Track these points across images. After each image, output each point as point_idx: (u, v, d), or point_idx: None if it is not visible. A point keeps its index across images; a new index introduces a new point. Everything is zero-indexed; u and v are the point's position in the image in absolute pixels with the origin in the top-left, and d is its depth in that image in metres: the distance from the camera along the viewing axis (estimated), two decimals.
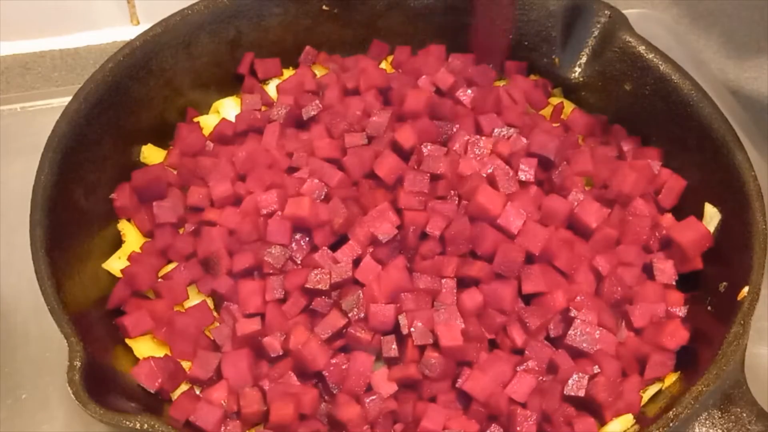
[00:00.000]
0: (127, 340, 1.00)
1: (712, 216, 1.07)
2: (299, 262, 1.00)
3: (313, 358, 0.93)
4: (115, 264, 1.06)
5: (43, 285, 0.93)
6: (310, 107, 1.14)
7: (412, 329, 0.94)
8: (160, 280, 1.04)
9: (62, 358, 0.86)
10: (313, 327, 0.96)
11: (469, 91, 1.14)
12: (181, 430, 0.89)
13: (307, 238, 1.00)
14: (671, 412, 0.88)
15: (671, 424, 0.87)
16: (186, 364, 0.99)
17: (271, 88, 1.24)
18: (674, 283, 1.04)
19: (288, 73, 1.26)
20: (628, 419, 0.95)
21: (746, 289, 0.96)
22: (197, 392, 0.97)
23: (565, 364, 0.95)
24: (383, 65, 1.27)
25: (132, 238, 1.09)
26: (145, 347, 1.00)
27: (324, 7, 1.25)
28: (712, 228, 1.06)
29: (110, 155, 1.10)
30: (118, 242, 1.09)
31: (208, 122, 1.20)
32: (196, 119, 1.21)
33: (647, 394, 0.98)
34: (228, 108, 1.22)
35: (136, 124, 1.14)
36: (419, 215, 1.01)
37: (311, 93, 1.18)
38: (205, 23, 1.18)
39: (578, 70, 1.24)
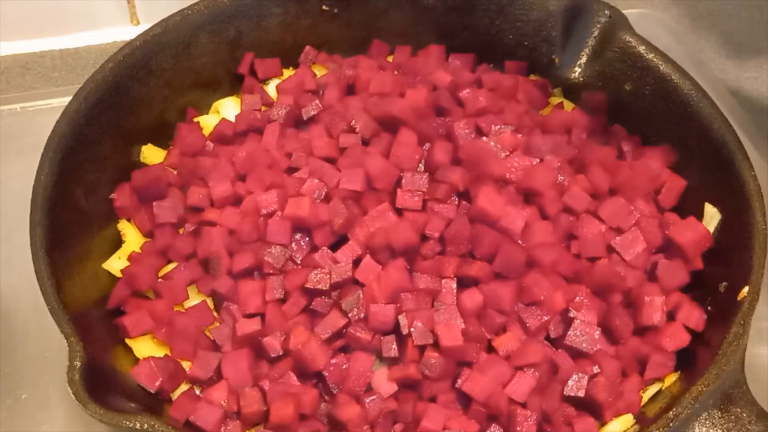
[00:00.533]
0: (127, 340, 1.00)
1: (712, 216, 1.07)
2: (299, 262, 1.00)
3: (313, 358, 0.93)
4: (115, 264, 1.06)
5: (43, 285, 0.93)
6: (309, 107, 1.14)
7: (412, 329, 0.94)
8: (160, 280, 1.04)
9: (62, 358, 0.86)
10: (313, 327, 0.96)
11: (469, 90, 1.14)
12: (181, 430, 0.89)
13: (307, 238, 1.00)
14: (671, 412, 0.88)
15: (671, 424, 0.87)
16: (186, 364, 0.99)
17: (271, 88, 1.24)
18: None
19: (288, 73, 1.26)
20: (628, 419, 0.95)
21: (746, 289, 0.96)
22: (197, 392, 0.97)
23: (565, 364, 0.95)
24: None
25: (132, 238, 1.09)
26: (145, 347, 1.00)
27: (324, 7, 1.25)
28: (712, 228, 1.06)
29: (110, 155, 1.10)
30: (118, 242, 1.09)
31: (208, 122, 1.20)
32: (196, 119, 1.21)
33: (647, 394, 0.98)
34: (228, 108, 1.22)
35: (136, 124, 1.14)
36: (419, 216, 1.01)
37: (311, 93, 1.18)
38: (205, 23, 1.18)
39: (578, 70, 1.24)
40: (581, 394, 0.94)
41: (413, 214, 1.01)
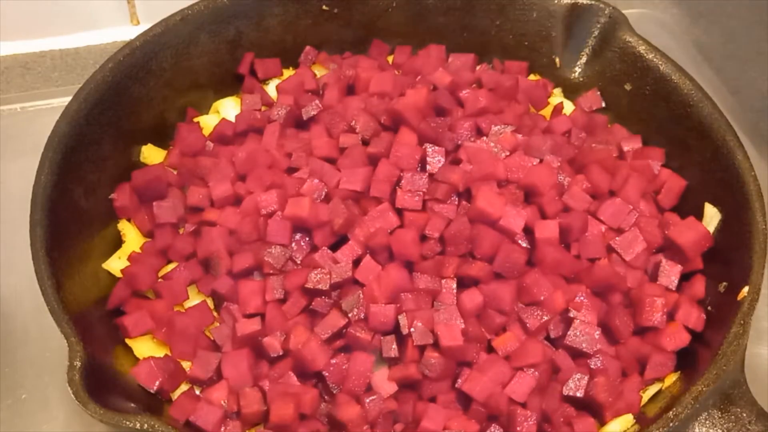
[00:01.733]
0: (127, 340, 1.00)
1: (712, 216, 1.07)
2: (299, 262, 1.00)
3: (313, 358, 0.93)
4: (115, 264, 1.06)
5: (43, 285, 0.93)
6: (309, 107, 1.14)
7: (412, 329, 0.94)
8: (160, 280, 1.04)
9: (62, 358, 0.86)
10: (313, 327, 0.96)
11: (469, 90, 1.14)
12: (181, 430, 0.89)
13: (307, 238, 1.00)
14: (671, 412, 0.88)
15: (671, 424, 0.87)
16: (186, 364, 0.99)
17: (271, 88, 1.24)
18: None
19: (288, 73, 1.26)
20: (628, 419, 0.95)
21: (746, 289, 0.96)
22: (197, 392, 0.97)
23: (565, 364, 0.95)
24: None
25: (132, 238, 1.09)
26: (145, 347, 1.00)
27: (324, 7, 1.25)
28: (712, 228, 1.06)
29: (110, 155, 1.10)
30: (118, 242, 1.09)
31: (208, 122, 1.20)
32: (196, 119, 1.21)
33: (647, 394, 0.98)
34: (228, 108, 1.22)
35: (136, 124, 1.14)
36: (419, 216, 1.01)
37: (311, 93, 1.18)
38: (205, 23, 1.18)
39: (578, 70, 1.24)
40: (581, 394, 0.94)
41: (413, 215, 1.01)
